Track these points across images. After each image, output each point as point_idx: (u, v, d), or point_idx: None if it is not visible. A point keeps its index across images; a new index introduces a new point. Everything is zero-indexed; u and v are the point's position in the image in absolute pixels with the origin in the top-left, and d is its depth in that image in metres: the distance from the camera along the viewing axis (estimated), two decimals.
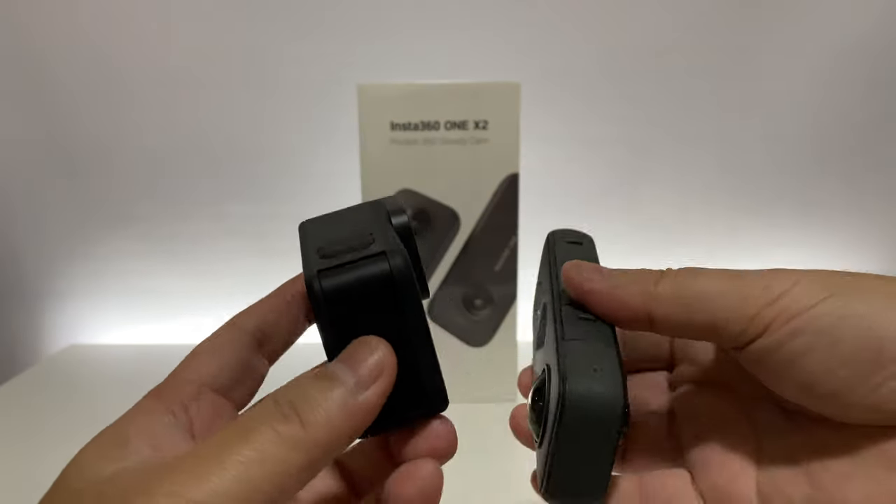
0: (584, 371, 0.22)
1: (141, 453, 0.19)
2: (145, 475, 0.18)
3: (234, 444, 0.18)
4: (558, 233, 0.31)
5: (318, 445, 0.19)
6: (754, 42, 0.74)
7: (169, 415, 0.21)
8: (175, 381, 0.23)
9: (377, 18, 0.73)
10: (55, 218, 0.80)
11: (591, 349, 0.23)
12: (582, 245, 0.30)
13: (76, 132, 0.77)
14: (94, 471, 0.19)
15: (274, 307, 0.26)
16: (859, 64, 0.74)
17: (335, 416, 0.19)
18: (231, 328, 0.25)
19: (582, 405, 0.22)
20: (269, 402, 0.20)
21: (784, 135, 0.77)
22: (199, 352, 0.24)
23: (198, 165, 0.78)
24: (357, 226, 0.24)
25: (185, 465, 0.18)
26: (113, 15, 0.73)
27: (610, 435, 0.22)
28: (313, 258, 0.22)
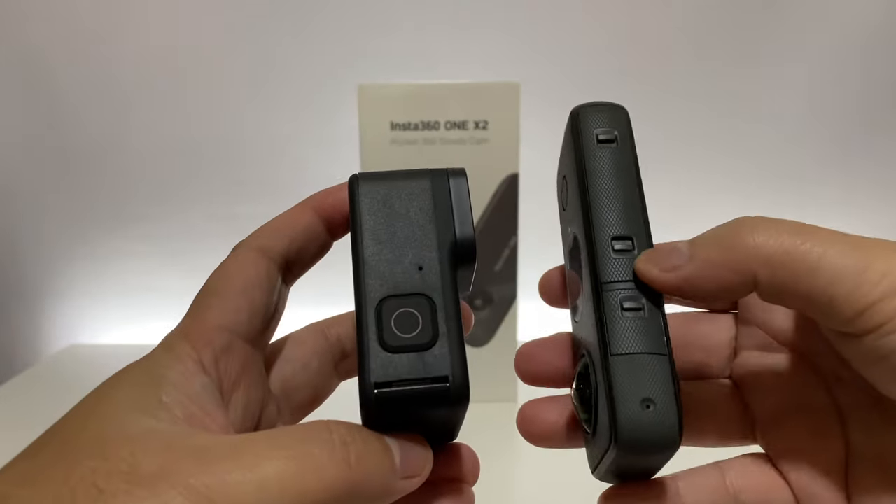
0: (635, 406, 0.20)
1: (174, 416, 0.19)
2: (178, 454, 0.17)
3: (275, 452, 0.18)
4: (584, 120, 0.25)
5: (352, 490, 0.19)
6: (755, 48, 0.74)
7: (202, 374, 0.21)
8: (204, 326, 0.22)
9: (377, 18, 0.73)
10: (55, 218, 0.80)
11: (642, 373, 0.21)
12: (616, 144, 0.24)
13: (76, 132, 0.77)
14: (125, 421, 0.18)
15: (304, 226, 0.24)
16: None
17: (376, 475, 0.20)
18: (259, 256, 0.23)
19: (635, 441, 0.21)
20: (323, 429, 0.19)
21: (792, 135, 0.77)
22: (225, 288, 0.23)
23: (198, 165, 0.78)
24: (410, 235, 0.23)
25: (223, 463, 0.17)
26: (113, 15, 0.73)
27: (665, 457, 0.21)
28: (370, 331, 0.21)
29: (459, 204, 0.24)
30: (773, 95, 0.75)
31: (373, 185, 0.23)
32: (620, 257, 0.22)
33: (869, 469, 0.23)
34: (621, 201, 0.23)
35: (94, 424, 0.18)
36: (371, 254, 0.22)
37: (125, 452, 0.17)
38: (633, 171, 0.24)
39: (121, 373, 0.21)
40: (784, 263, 0.20)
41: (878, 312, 0.18)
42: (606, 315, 0.22)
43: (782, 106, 0.76)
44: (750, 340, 0.26)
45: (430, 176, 0.24)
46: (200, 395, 0.20)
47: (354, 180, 0.24)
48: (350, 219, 0.23)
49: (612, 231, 0.23)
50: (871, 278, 0.19)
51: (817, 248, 0.19)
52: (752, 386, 0.26)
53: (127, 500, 0.16)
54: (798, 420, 0.24)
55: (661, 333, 0.22)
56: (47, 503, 0.16)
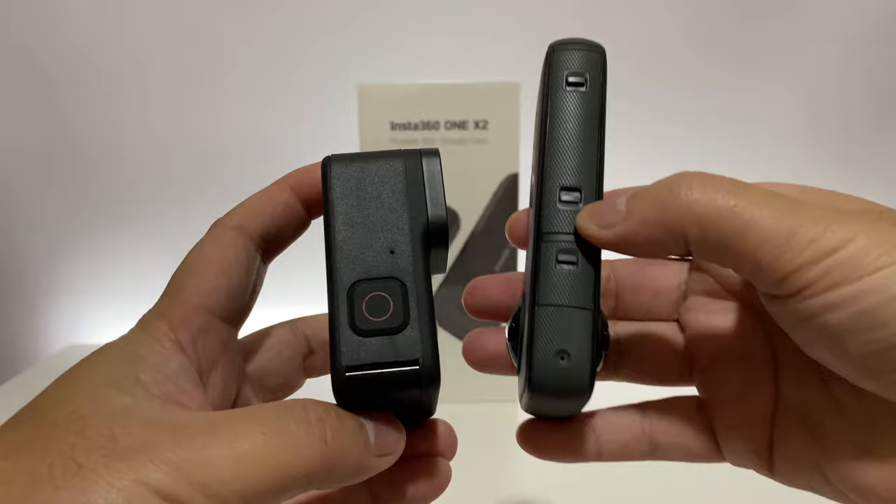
0: (550, 356, 0.21)
1: (151, 394, 0.19)
2: (157, 430, 0.17)
3: (253, 428, 0.18)
4: (556, 59, 0.24)
5: (328, 466, 0.19)
6: (755, 47, 0.74)
7: (180, 354, 0.21)
8: (182, 306, 0.22)
9: (377, 18, 0.73)
10: (55, 217, 0.80)
11: (563, 325, 0.22)
12: (584, 88, 0.24)
13: (77, 132, 0.77)
14: (103, 398, 0.18)
15: (282, 204, 0.24)
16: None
17: (351, 453, 0.20)
18: (237, 236, 0.24)
19: (546, 389, 0.22)
20: (299, 406, 0.20)
21: (792, 134, 0.77)
22: (203, 268, 0.23)
23: (198, 165, 0.77)
24: (382, 218, 0.23)
25: (200, 438, 0.18)
26: (113, 14, 0.73)
27: (577, 405, 0.22)
28: (342, 307, 0.22)
29: (432, 185, 0.24)
30: (773, 94, 0.75)
31: (345, 167, 0.23)
32: (565, 208, 0.23)
33: (794, 422, 0.23)
34: (577, 151, 0.23)
35: (71, 401, 0.18)
36: (343, 237, 0.22)
37: (103, 428, 0.17)
38: (596, 119, 0.24)
39: (98, 351, 0.21)
40: (715, 224, 0.20)
41: (801, 277, 0.19)
42: (541, 265, 0.22)
43: (782, 104, 0.76)
44: (699, 286, 0.26)
45: (403, 157, 0.24)
46: (178, 374, 0.20)
47: (327, 162, 0.24)
48: (323, 201, 0.23)
49: (561, 181, 0.23)
50: (799, 243, 0.19)
51: (748, 210, 0.19)
52: (696, 330, 0.26)
53: (105, 473, 0.16)
54: (734, 367, 0.25)
55: (591, 288, 0.22)
56: (24, 478, 0.16)
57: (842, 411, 0.22)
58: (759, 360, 0.24)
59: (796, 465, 0.23)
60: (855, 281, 0.18)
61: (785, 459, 0.23)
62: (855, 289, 0.18)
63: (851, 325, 0.18)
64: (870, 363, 0.19)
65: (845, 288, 0.18)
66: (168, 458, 0.17)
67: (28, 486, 0.16)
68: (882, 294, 0.18)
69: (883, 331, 0.18)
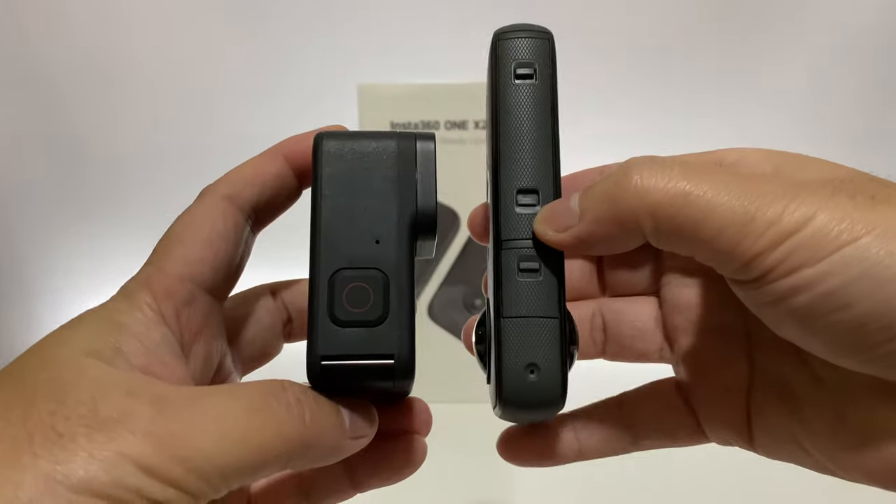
0: (520, 370, 0.21)
1: (131, 364, 0.19)
2: (138, 401, 0.17)
3: (236, 404, 0.18)
4: (503, 50, 0.23)
5: (306, 446, 0.19)
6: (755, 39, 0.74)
7: (162, 325, 0.21)
8: (167, 276, 0.21)
9: (377, 18, 0.73)
10: (56, 216, 0.80)
11: (529, 337, 0.21)
12: (534, 80, 0.23)
13: (77, 130, 0.77)
14: (83, 365, 0.18)
15: (274, 174, 0.24)
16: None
17: (328, 434, 0.20)
18: (227, 205, 0.23)
19: (517, 403, 0.21)
20: (278, 387, 0.20)
21: (791, 133, 0.77)
22: (190, 237, 0.22)
23: (199, 165, 0.77)
24: (370, 204, 0.22)
25: (184, 411, 0.17)
26: (113, 13, 0.73)
27: (549, 415, 0.22)
28: (322, 295, 0.21)
29: (425, 172, 0.23)
30: (773, 93, 0.75)
31: (337, 146, 0.23)
32: (523, 212, 0.22)
33: (770, 394, 0.23)
34: (531, 150, 0.22)
35: (51, 367, 0.18)
36: (328, 222, 0.22)
37: (85, 396, 0.17)
38: (549, 112, 0.23)
39: (78, 318, 0.21)
40: (668, 215, 0.19)
41: (762, 263, 0.18)
42: (503, 274, 0.22)
43: (782, 103, 0.76)
44: (674, 261, 0.26)
45: (398, 139, 0.23)
46: (159, 346, 0.20)
47: (319, 140, 0.23)
48: (312, 179, 0.23)
49: (517, 183, 0.22)
50: (756, 229, 0.18)
51: (702, 196, 0.18)
52: (672, 304, 0.26)
53: (86, 444, 0.16)
54: (710, 340, 0.25)
55: (556, 296, 0.21)
56: (4, 445, 0.16)
57: (817, 382, 0.22)
58: (734, 333, 0.24)
59: (775, 438, 0.23)
60: (816, 262, 0.17)
61: (764, 432, 0.23)
62: (817, 270, 0.17)
63: (817, 308, 0.18)
64: (838, 343, 0.18)
65: (807, 270, 0.17)
66: (150, 430, 0.16)
67: (6, 454, 0.16)
68: (844, 274, 0.17)
69: (848, 311, 0.17)
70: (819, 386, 0.22)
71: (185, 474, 0.16)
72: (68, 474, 0.15)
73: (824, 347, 0.19)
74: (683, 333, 0.25)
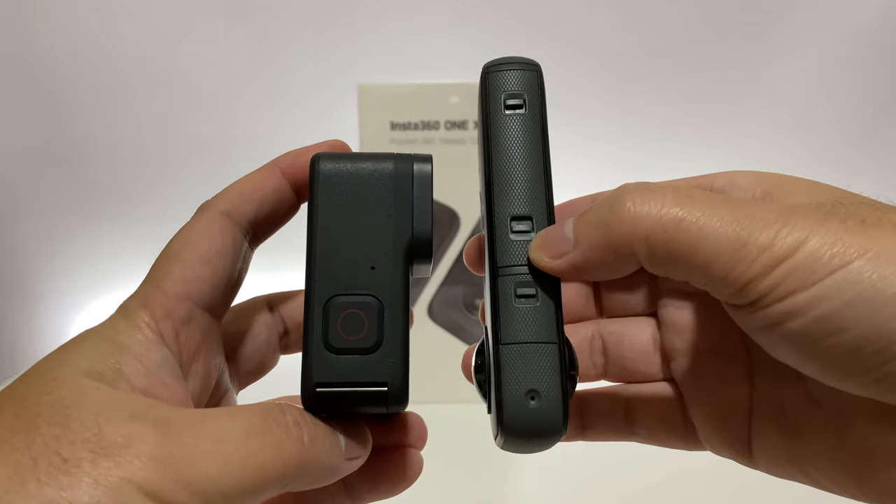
0: (520, 398, 0.21)
1: (133, 387, 0.19)
2: (143, 424, 0.17)
3: (238, 427, 0.18)
4: (492, 82, 0.23)
5: (304, 468, 0.19)
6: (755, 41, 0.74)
7: (162, 345, 0.21)
8: (165, 295, 0.21)
9: (377, 18, 0.73)
10: (57, 216, 0.80)
11: (529, 363, 0.21)
12: (524, 110, 0.23)
13: (79, 131, 0.77)
14: (86, 388, 0.18)
15: (272, 189, 0.24)
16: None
17: (325, 456, 0.20)
18: (225, 222, 0.23)
19: (519, 432, 0.21)
20: (277, 409, 0.20)
21: (792, 132, 0.77)
22: (188, 255, 0.22)
23: (200, 165, 0.78)
24: (366, 229, 0.22)
25: (187, 434, 0.17)
26: (114, 13, 0.73)
27: (551, 443, 0.22)
28: (316, 327, 0.21)
29: (420, 195, 0.23)
30: (773, 92, 0.75)
31: (333, 169, 0.23)
32: (518, 239, 0.22)
33: (770, 417, 0.23)
34: (524, 178, 0.23)
35: (53, 389, 0.18)
36: (324, 247, 0.22)
37: (89, 420, 0.17)
38: (539, 141, 0.23)
39: (78, 338, 0.20)
40: (662, 242, 0.19)
41: (756, 288, 0.18)
42: (500, 301, 0.22)
43: (783, 103, 0.76)
44: (671, 283, 0.26)
45: (395, 161, 0.23)
46: (160, 367, 0.20)
47: (315, 161, 0.23)
48: (308, 202, 0.23)
49: (511, 210, 0.22)
50: (749, 254, 0.18)
51: (695, 223, 0.19)
52: (671, 326, 0.26)
53: (91, 469, 0.16)
54: (710, 363, 0.25)
55: (553, 321, 0.21)
56: (7, 470, 0.16)
57: (815, 405, 0.22)
58: (733, 355, 0.24)
59: (774, 458, 0.23)
60: (809, 287, 0.17)
61: (763, 453, 0.23)
62: (810, 295, 0.17)
63: (812, 332, 0.18)
64: (834, 367, 0.18)
65: (800, 295, 0.18)
66: (155, 454, 0.16)
67: (11, 480, 0.16)
68: (837, 299, 0.17)
69: (843, 335, 0.17)
70: (817, 408, 0.22)
71: (189, 498, 0.16)
72: (73, 501, 0.15)
73: (820, 371, 0.19)
74: (682, 355, 0.25)
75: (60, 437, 0.16)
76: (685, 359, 0.25)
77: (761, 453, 0.23)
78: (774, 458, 0.23)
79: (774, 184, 0.22)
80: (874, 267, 0.17)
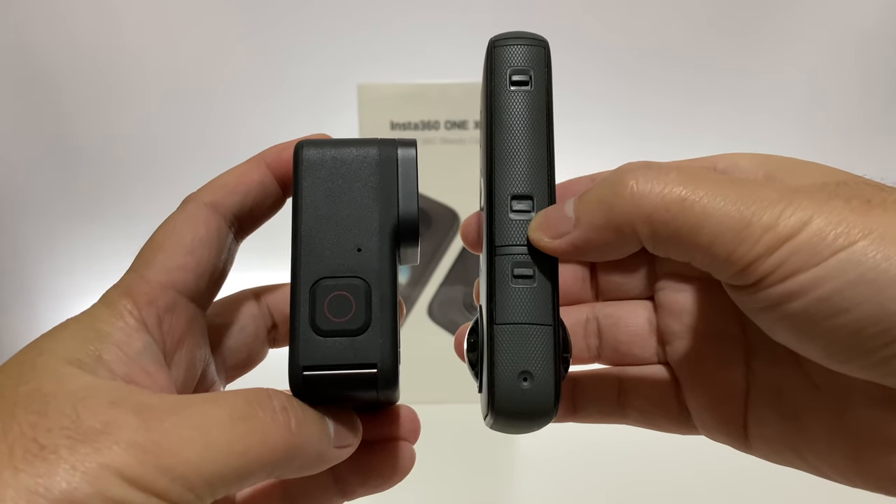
0: (513, 379, 0.21)
1: (114, 374, 0.19)
2: (123, 410, 0.17)
3: (221, 412, 0.18)
4: (498, 57, 0.23)
5: (291, 454, 0.19)
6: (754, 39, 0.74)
7: (144, 333, 0.20)
8: (148, 284, 0.21)
9: (377, 18, 0.73)
10: (57, 216, 0.80)
11: (523, 344, 0.21)
12: (529, 86, 0.23)
13: (80, 131, 0.77)
14: (65, 375, 0.18)
15: (257, 182, 0.24)
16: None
17: (313, 442, 0.20)
18: (210, 213, 0.23)
19: (510, 412, 0.21)
20: (264, 395, 0.20)
21: (791, 133, 0.77)
22: (172, 244, 0.22)
23: (200, 165, 0.77)
24: (352, 212, 0.22)
25: (168, 420, 0.17)
26: (114, 13, 0.73)
27: (542, 424, 0.21)
28: (303, 312, 0.21)
29: (406, 179, 0.23)
30: (773, 92, 0.76)
31: (317, 155, 0.23)
32: (517, 218, 0.22)
33: (767, 402, 0.23)
34: (526, 156, 0.22)
35: (31, 378, 0.18)
36: (309, 231, 0.22)
37: (67, 407, 0.17)
38: (544, 119, 0.23)
39: (59, 327, 0.20)
40: (664, 221, 0.19)
41: (759, 268, 0.18)
42: (496, 281, 0.21)
43: (783, 103, 0.76)
44: (669, 265, 0.26)
45: (379, 146, 0.23)
46: (141, 354, 0.20)
47: (299, 148, 0.23)
48: (293, 188, 0.23)
49: (512, 189, 0.22)
50: (753, 234, 0.18)
51: (699, 202, 0.18)
52: (668, 309, 0.25)
53: (68, 456, 0.16)
54: (707, 347, 0.24)
55: (549, 303, 0.21)
56: None
57: (814, 389, 0.22)
58: (731, 338, 0.24)
59: (771, 444, 0.23)
60: (812, 267, 0.17)
61: (760, 439, 0.23)
62: (812, 275, 0.17)
63: (813, 313, 0.18)
64: (836, 348, 0.18)
65: (803, 275, 0.17)
66: (134, 440, 0.16)
67: None
68: (840, 279, 0.17)
69: (845, 316, 0.17)
70: (816, 392, 0.22)
71: (170, 484, 0.16)
72: (50, 487, 0.15)
73: (821, 353, 0.19)
74: (679, 338, 0.25)
75: (37, 425, 0.16)
76: (682, 342, 0.25)
77: (758, 438, 0.23)
78: (771, 444, 0.23)
79: (777, 166, 0.22)
80: (878, 248, 0.17)
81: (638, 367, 0.26)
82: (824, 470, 0.22)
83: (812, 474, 0.23)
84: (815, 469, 0.22)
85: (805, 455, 0.22)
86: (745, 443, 0.24)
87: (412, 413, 0.26)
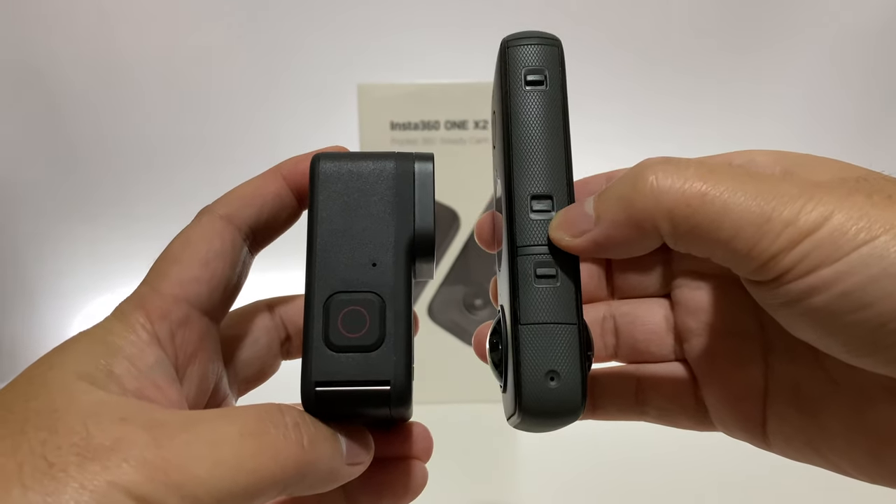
0: (540, 378, 0.21)
1: (125, 389, 0.19)
2: (133, 427, 0.17)
3: (231, 429, 0.18)
4: (512, 57, 0.23)
5: (302, 471, 0.19)
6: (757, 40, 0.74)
7: (157, 347, 0.20)
8: (162, 297, 0.21)
9: (377, 18, 0.73)
10: (58, 217, 0.80)
11: (549, 344, 0.21)
12: (545, 86, 0.23)
13: (80, 131, 0.77)
14: (75, 391, 0.18)
15: (273, 194, 0.23)
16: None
17: (325, 459, 0.20)
18: (225, 225, 0.23)
19: (538, 412, 0.21)
20: (276, 411, 0.19)
21: (792, 132, 0.77)
22: (186, 257, 0.22)
23: (199, 165, 0.78)
24: (367, 227, 0.22)
25: (178, 437, 0.17)
26: (115, 14, 0.73)
27: (568, 423, 0.22)
28: (316, 328, 0.21)
29: (422, 194, 0.23)
30: (773, 92, 0.75)
31: (333, 168, 0.23)
32: (538, 218, 0.22)
33: (786, 399, 0.23)
34: (545, 156, 0.22)
35: (41, 393, 0.18)
36: (324, 245, 0.22)
37: (77, 424, 0.17)
38: (560, 118, 0.23)
39: (70, 341, 0.20)
40: (685, 216, 0.19)
41: (780, 263, 0.18)
42: (519, 281, 0.21)
43: (783, 103, 0.76)
44: (686, 263, 0.26)
45: (396, 160, 0.23)
46: (153, 369, 0.20)
47: (315, 161, 0.23)
48: (309, 201, 0.23)
49: (531, 189, 0.22)
50: (773, 229, 0.18)
51: (719, 197, 0.18)
52: (685, 307, 0.25)
53: (77, 473, 0.16)
54: (725, 344, 0.24)
55: (573, 301, 0.21)
56: None
57: (834, 385, 0.22)
58: (749, 335, 0.24)
59: (790, 441, 0.23)
60: (834, 262, 0.17)
61: (779, 436, 0.23)
62: (834, 270, 0.17)
63: (835, 308, 0.17)
64: (857, 344, 0.18)
65: (825, 270, 0.17)
66: (144, 457, 0.16)
67: None
68: (862, 274, 0.17)
69: (866, 311, 0.17)
70: (835, 389, 0.22)
71: (180, 502, 0.16)
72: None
73: (842, 348, 0.18)
74: (697, 336, 0.25)
75: (47, 442, 0.16)
76: (699, 339, 0.25)
77: (777, 435, 0.23)
78: (790, 441, 0.23)
79: (794, 162, 0.22)
80: None
81: (655, 365, 0.26)
82: (844, 467, 0.22)
83: (832, 471, 0.22)
84: (834, 466, 0.22)
85: (824, 452, 0.22)
86: (763, 440, 0.23)
87: (425, 431, 0.26)
